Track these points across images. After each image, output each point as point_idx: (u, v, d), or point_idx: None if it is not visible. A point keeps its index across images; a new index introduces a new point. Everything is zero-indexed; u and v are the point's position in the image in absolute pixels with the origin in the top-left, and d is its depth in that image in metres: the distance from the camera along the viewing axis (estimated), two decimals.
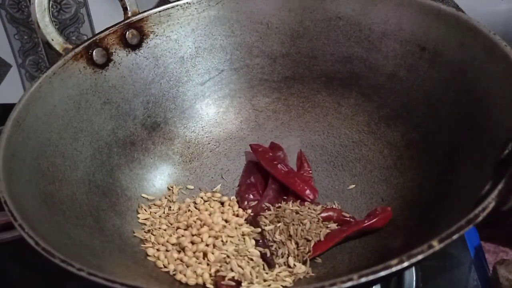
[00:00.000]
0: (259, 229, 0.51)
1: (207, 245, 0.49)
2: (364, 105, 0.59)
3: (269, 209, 0.53)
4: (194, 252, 0.49)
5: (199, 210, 0.54)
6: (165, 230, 0.52)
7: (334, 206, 0.54)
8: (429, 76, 0.54)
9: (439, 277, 0.54)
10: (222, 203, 0.56)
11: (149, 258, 0.49)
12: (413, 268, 0.54)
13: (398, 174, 0.54)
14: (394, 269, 0.32)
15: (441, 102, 0.52)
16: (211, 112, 0.63)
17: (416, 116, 0.54)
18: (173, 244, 0.50)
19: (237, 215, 0.54)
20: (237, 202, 0.56)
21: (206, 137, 0.62)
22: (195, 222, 0.52)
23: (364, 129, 0.59)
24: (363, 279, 0.31)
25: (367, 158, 0.58)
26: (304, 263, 0.49)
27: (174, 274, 0.48)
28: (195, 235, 0.50)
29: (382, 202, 0.53)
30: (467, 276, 0.54)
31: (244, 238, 0.51)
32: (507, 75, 0.45)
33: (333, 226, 0.52)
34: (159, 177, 0.58)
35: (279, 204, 0.54)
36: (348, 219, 0.52)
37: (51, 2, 0.53)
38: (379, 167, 0.56)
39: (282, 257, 0.49)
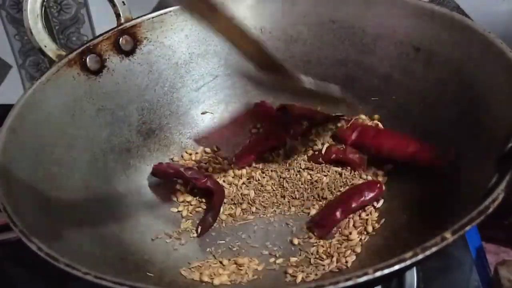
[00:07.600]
0: None
1: None
2: (360, 108, 0.59)
3: None
4: None
5: None
6: None
7: None
8: (425, 76, 0.54)
9: (440, 278, 0.54)
10: None
11: None
12: (414, 269, 0.53)
13: (398, 173, 0.54)
14: (408, 262, 0.31)
15: (438, 102, 0.53)
16: (207, 118, 0.62)
17: (414, 116, 0.55)
18: None
19: None
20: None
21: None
22: None
23: None
24: (378, 273, 0.30)
25: None
26: None
27: None
28: None
29: (384, 202, 0.53)
30: (468, 277, 0.54)
31: None
32: (504, 71, 0.45)
33: None
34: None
35: None
36: None
37: (44, 7, 0.52)
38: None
39: None
